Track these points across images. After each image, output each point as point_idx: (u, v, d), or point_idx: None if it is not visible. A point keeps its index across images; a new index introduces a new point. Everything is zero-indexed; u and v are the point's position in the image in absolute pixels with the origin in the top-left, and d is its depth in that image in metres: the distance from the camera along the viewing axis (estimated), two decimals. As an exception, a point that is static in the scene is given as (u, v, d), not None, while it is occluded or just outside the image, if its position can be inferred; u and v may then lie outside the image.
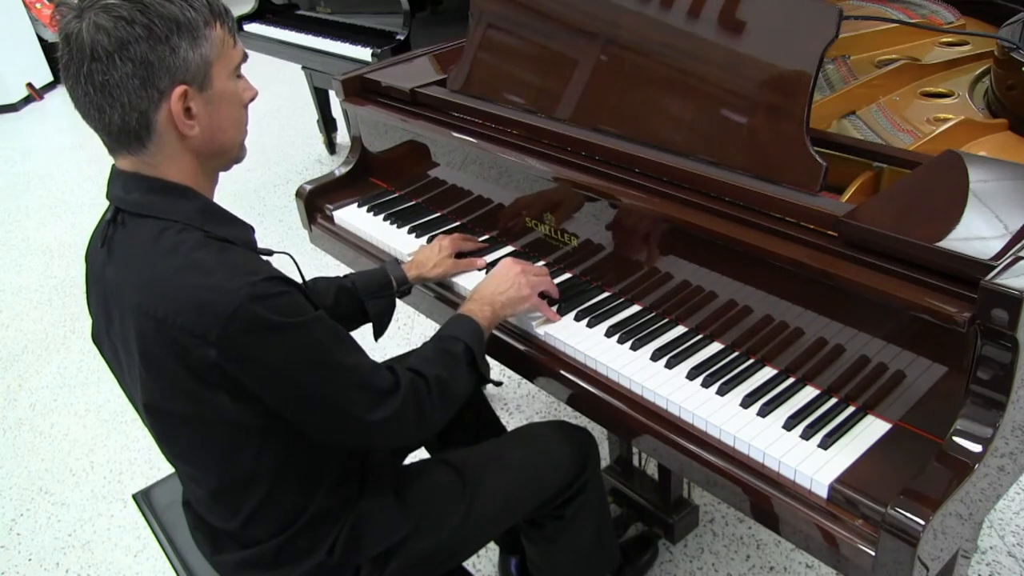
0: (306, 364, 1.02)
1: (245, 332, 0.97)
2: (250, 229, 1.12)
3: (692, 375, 1.21)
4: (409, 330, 2.85)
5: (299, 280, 1.26)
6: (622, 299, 1.41)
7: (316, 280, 1.45)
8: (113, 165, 1.08)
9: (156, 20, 0.97)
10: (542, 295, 1.40)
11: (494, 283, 1.36)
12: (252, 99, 1.13)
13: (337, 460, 1.19)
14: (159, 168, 1.04)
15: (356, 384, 1.08)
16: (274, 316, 0.98)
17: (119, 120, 1.00)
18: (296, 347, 1.01)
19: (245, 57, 1.10)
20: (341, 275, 1.49)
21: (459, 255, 1.56)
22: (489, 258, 1.59)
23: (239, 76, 1.09)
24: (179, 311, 0.97)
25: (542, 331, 1.37)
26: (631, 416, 1.21)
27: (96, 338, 1.17)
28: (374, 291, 1.47)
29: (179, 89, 1.00)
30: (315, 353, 1.03)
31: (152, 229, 1.03)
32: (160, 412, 1.10)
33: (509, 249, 1.61)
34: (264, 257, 1.10)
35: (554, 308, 1.41)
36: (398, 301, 1.52)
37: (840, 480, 1.00)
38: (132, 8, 0.96)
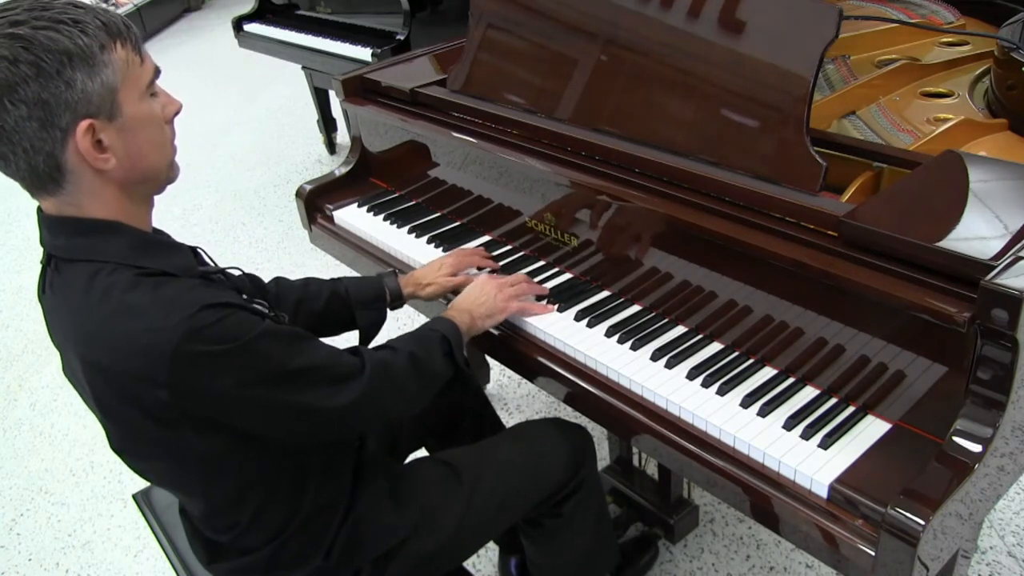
0: (261, 380, 0.99)
1: (191, 367, 0.93)
2: (190, 253, 1.08)
3: (692, 375, 1.21)
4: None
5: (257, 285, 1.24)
6: (622, 299, 1.41)
7: (309, 281, 1.44)
8: (38, 208, 1.02)
9: (44, 55, 0.88)
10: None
11: (472, 296, 1.37)
12: (176, 113, 1.05)
13: (320, 457, 1.18)
14: (82, 207, 0.98)
15: (316, 380, 1.05)
16: (217, 345, 0.94)
17: (26, 166, 0.93)
18: (247, 367, 0.97)
19: (158, 72, 1.02)
20: (337, 277, 1.47)
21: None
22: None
23: (154, 94, 1.01)
24: (121, 358, 0.93)
25: (542, 331, 1.37)
26: (631, 416, 1.21)
27: (65, 374, 1.14)
28: (367, 302, 1.44)
29: (84, 124, 0.92)
30: (268, 366, 0.99)
31: (84, 273, 0.97)
32: (130, 453, 1.09)
33: (508, 248, 1.61)
34: (213, 276, 1.06)
35: (544, 303, 1.42)
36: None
37: (840, 480, 1.00)
38: (14, 45, 0.87)
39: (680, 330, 1.32)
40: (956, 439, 0.94)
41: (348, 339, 1.37)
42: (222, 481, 1.09)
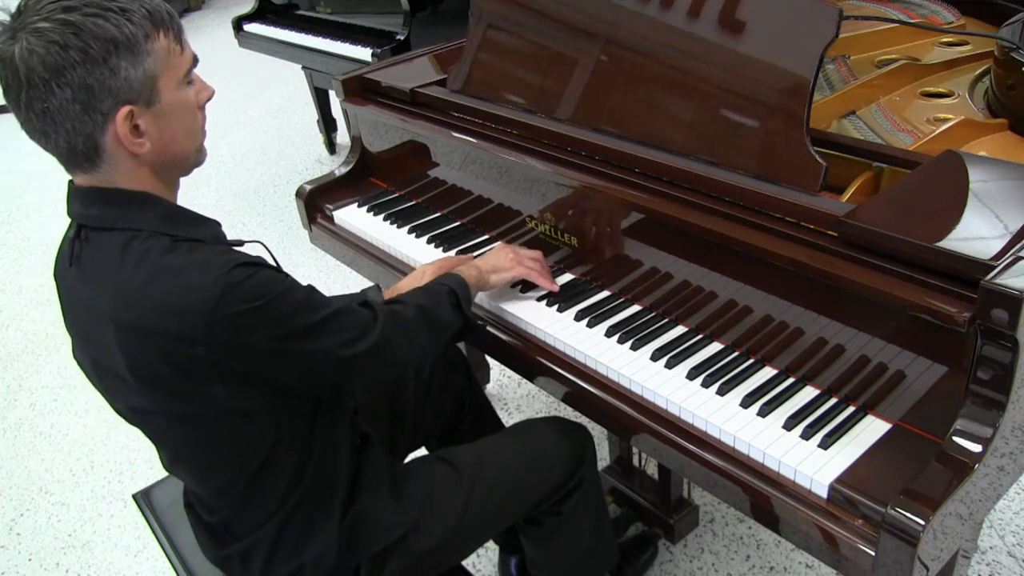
0: (290, 332, 1.03)
1: (229, 322, 0.97)
2: (217, 224, 1.12)
3: (692, 375, 1.21)
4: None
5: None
6: (622, 299, 1.41)
7: None
8: (70, 181, 1.06)
9: (91, 42, 0.92)
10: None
11: (482, 256, 1.45)
12: (208, 99, 1.09)
13: (323, 427, 1.19)
14: (115, 181, 1.03)
15: (336, 330, 1.09)
16: (252, 301, 0.98)
17: (65, 144, 0.98)
18: (279, 320, 1.02)
19: (196, 61, 1.07)
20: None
21: None
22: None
23: (190, 81, 1.06)
24: (160, 318, 0.97)
25: (542, 331, 1.37)
26: (631, 416, 1.21)
27: (77, 356, 1.15)
28: None
29: (124, 110, 0.97)
30: (296, 319, 1.04)
31: (118, 241, 1.01)
32: (156, 415, 1.10)
33: (509, 249, 1.61)
34: (236, 248, 1.09)
35: (552, 303, 1.41)
36: None
37: (840, 480, 1.00)
38: (65, 31, 0.91)
39: (680, 330, 1.32)
40: (956, 439, 0.94)
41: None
42: (242, 445, 1.11)
